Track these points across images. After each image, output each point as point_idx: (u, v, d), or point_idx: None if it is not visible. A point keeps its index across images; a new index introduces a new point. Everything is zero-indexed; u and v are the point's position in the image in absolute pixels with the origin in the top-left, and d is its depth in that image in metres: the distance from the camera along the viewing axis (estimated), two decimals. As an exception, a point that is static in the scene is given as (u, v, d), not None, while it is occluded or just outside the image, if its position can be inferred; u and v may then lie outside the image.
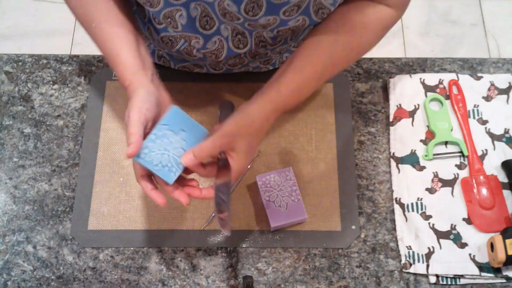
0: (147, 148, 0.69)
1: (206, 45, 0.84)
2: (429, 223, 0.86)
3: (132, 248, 0.87)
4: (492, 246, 0.82)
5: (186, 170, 0.73)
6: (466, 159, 0.91)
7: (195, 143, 0.71)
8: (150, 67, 0.76)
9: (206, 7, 0.75)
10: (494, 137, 0.92)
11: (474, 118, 0.94)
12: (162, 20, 0.79)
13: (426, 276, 0.84)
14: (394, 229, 0.88)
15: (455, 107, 0.94)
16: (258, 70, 0.97)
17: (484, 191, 0.88)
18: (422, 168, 0.90)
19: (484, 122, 0.93)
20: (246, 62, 0.92)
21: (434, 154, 0.91)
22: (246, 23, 0.77)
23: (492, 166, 0.90)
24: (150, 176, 0.73)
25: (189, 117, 0.73)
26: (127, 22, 0.77)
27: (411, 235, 0.86)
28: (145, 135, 0.70)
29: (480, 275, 0.83)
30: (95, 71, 0.99)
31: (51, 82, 0.99)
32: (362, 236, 0.87)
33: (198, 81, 0.98)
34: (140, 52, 0.76)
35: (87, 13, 0.77)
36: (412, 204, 0.88)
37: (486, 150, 0.91)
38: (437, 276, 0.84)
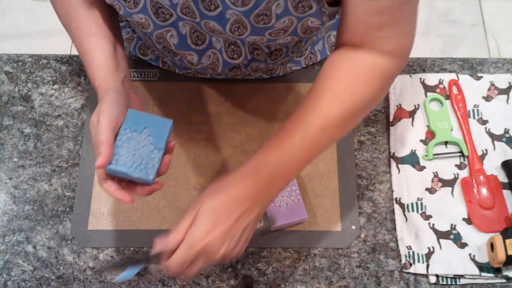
0: (117, 154, 0.66)
1: (201, 60, 0.84)
2: (429, 223, 0.86)
3: (132, 248, 0.87)
4: (492, 246, 0.82)
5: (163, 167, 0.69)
6: (466, 159, 0.91)
7: (163, 135, 0.69)
8: (124, 70, 0.75)
9: (194, 24, 0.76)
10: (494, 137, 0.92)
11: (474, 118, 0.94)
12: (155, 40, 0.80)
13: (426, 276, 0.84)
14: (394, 229, 0.88)
15: (455, 107, 0.94)
16: (261, 78, 0.97)
17: (484, 191, 0.88)
18: (422, 168, 0.90)
19: (484, 122, 0.93)
20: (248, 73, 0.92)
21: (434, 154, 0.91)
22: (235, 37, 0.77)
23: (492, 166, 0.90)
24: (113, 178, 0.68)
25: (148, 114, 0.70)
26: (107, 25, 0.76)
27: (411, 235, 0.86)
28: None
29: (480, 275, 0.83)
30: (95, 71, 0.99)
31: (51, 82, 0.99)
32: (362, 236, 0.87)
33: (199, 81, 0.98)
34: (115, 54, 0.75)
35: (68, 14, 0.77)
36: (412, 204, 0.88)
37: (486, 150, 0.91)
38: (437, 276, 0.84)
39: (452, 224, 0.86)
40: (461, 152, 0.91)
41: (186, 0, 0.70)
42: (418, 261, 0.84)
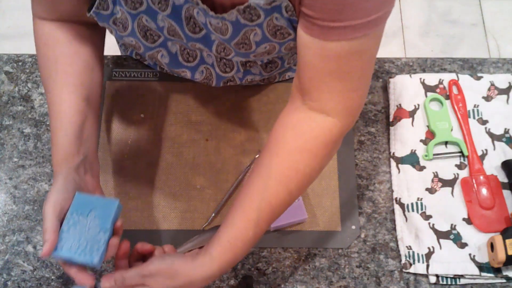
0: (62, 240, 0.66)
1: (194, 76, 0.84)
2: (429, 223, 0.86)
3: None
4: (492, 246, 0.82)
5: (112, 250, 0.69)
6: (466, 159, 0.91)
7: (109, 216, 0.69)
8: (85, 152, 0.73)
9: (182, 44, 0.77)
10: (494, 137, 0.92)
11: (474, 118, 0.94)
12: (148, 59, 0.80)
13: (426, 276, 0.84)
14: (394, 229, 0.88)
15: (455, 107, 0.94)
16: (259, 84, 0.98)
17: (484, 191, 0.88)
18: (422, 168, 0.90)
19: (484, 122, 0.93)
20: (246, 84, 0.93)
21: (434, 154, 0.91)
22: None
23: (492, 166, 0.90)
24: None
25: (95, 196, 0.71)
26: (82, 93, 0.74)
27: (411, 235, 0.86)
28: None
29: (480, 275, 0.83)
30: (95, 71, 0.99)
31: (51, 82, 0.99)
32: (362, 236, 0.87)
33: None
34: (81, 132, 0.73)
35: (47, 77, 0.75)
36: (412, 204, 0.88)
37: (486, 150, 0.91)
38: (437, 276, 0.84)
39: (452, 224, 0.86)
40: (461, 152, 0.91)
41: (171, 24, 0.71)
42: (418, 261, 0.84)
